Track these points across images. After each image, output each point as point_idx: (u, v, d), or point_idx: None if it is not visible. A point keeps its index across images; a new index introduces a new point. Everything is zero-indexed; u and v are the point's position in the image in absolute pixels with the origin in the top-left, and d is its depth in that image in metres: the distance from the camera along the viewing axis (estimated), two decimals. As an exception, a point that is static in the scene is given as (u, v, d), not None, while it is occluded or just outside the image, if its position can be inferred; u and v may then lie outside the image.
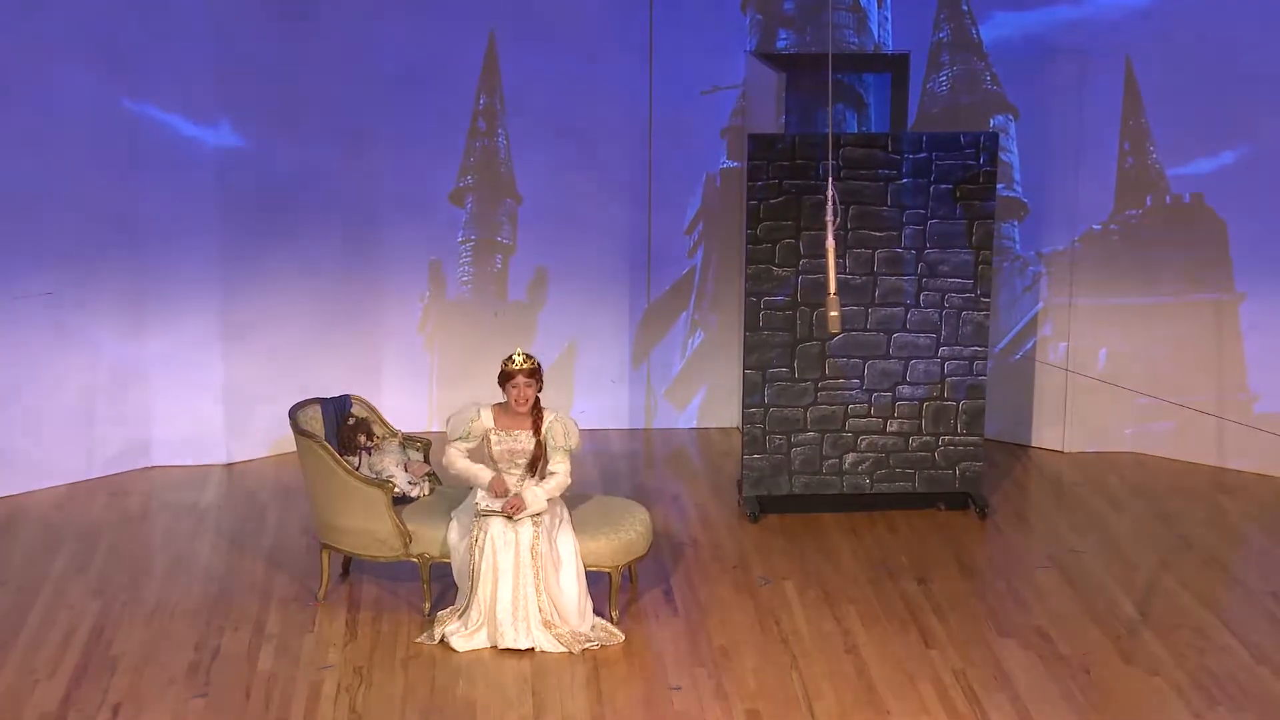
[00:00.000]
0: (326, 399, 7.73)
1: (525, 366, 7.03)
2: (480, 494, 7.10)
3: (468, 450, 7.15)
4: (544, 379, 7.14)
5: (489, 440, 7.09)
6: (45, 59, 8.67)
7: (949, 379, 8.54)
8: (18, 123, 8.67)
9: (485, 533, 6.98)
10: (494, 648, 6.97)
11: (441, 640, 7.01)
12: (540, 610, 6.96)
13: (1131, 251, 9.49)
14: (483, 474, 7.10)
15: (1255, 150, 9.11)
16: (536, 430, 7.07)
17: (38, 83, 8.68)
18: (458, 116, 9.78)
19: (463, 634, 7.00)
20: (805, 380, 8.50)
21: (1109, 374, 9.60)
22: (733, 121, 9.90)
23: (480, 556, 6.95)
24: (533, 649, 6.95)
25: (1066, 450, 9.75)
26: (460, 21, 9.66)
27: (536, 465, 7.07)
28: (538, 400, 7.11)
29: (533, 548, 6.95)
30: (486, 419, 7.10)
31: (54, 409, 9.07)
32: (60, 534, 8.41)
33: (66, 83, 8.74)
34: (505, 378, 7.06)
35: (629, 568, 7.44)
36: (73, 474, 9.17)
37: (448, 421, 7.21)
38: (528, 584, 6.95)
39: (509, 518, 6.98)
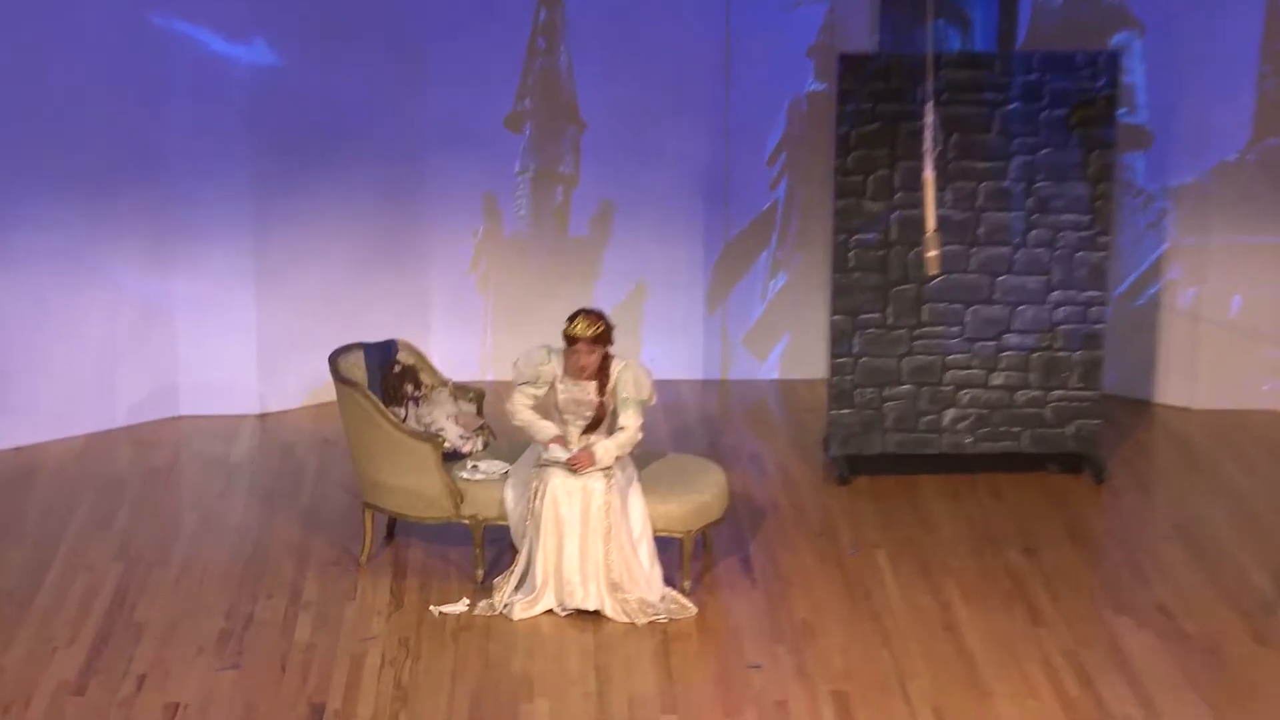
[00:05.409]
0: (370, 344, 7.77)
1: (587, 334, 6.95)
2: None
3: (535, 397, 7.15)
4: (613, 337, 7.05)
5: (555, 388, 7.09)
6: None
7: (1061, 327, 8.54)
8: (32, 39, 8.70)
9: (545, 484, 6.99)
10: (556, 612, 7.01)
11: (503, 610, 7.05)
12: (610, 569, 6.96)
13: (1271, 185, 9.45)
14: (544, 431, 7.14)
15: None
16: (602, 386, 7.03)
17: (55, -5, 8.76)
18: (515, 32, 9.79)
19: (524, 601, 7.04)
20: (900, 327, 8.51)
21: (1244, 322, 9.59)
22: (821, 39, 9.87)
23: (542, 510, 6.97)
24: (598, 614, 6.99)
25: (1195, 407, 9.73)
26: (519, -73, 9.71)
27: (600, 424, 7.05)
28: (607, 353, 7.05)
29: (606, 504, 6.95)
30: (557, 364, 7.09)
31: (73, 352, 9.16)
32: (80, 488, 8.51)
33: (86, -5, 8.82)
34: (567, 340, 7.02)
35: (703, 533, 7.47)
36: (93, 423, 9.27)
37: (515, 364, 7.21)
38: (597, 541, 6.96)
39: (574, 472, 6.98)
